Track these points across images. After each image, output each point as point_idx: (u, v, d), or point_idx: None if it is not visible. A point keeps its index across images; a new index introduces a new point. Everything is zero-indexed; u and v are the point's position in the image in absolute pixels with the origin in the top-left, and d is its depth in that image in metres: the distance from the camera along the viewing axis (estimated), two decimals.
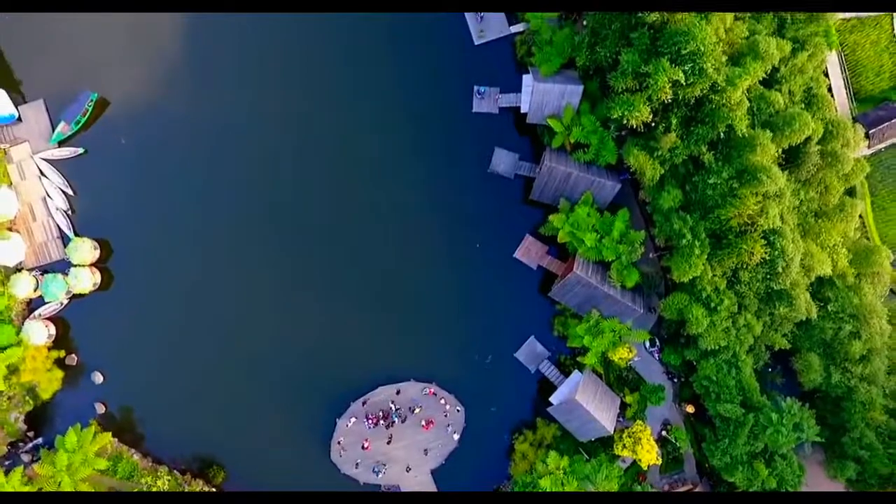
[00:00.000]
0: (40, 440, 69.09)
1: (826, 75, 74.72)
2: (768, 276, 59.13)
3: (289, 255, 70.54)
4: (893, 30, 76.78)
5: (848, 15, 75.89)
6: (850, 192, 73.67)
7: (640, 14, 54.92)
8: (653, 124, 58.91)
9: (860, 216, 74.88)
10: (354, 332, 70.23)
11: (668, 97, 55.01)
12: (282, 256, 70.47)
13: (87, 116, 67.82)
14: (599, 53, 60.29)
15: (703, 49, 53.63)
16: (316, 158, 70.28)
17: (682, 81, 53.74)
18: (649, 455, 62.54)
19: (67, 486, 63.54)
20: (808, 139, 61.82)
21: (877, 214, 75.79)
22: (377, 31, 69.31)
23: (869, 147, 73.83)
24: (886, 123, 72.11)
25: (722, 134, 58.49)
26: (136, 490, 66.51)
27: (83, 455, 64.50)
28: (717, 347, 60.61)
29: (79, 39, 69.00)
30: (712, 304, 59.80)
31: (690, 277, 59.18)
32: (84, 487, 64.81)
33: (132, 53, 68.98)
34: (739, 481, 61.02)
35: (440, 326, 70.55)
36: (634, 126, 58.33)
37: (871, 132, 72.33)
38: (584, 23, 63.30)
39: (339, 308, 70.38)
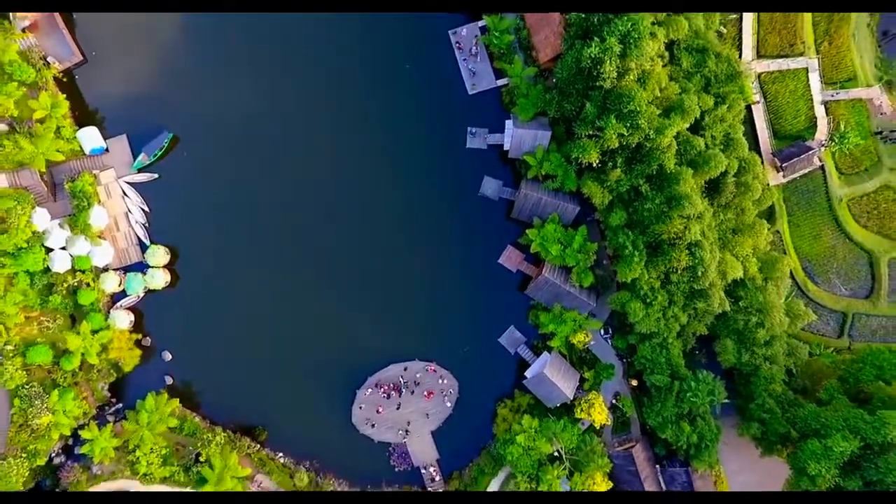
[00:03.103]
0: (120, 405, 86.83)
1: (752, 119, 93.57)
2: (691, 279, 77.11)
3: (319, 263, 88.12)
4: (808, 81, 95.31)
5: (771, 68, 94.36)
6: (771, 213, 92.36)
7: (596, 80, 72.79)
8: (603, 162, 77.11)
9: (778, 231, 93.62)
10: (370, 322, 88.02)
11: (615, 145, 73.12)
12: (313, 263, 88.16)
13: (162, 150, 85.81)
14: (565, 107, 78.56)
15: (639, 109, 71.65)
16: (340, 181, 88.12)
17: (625, 133, 71.78)
18: (601, 416, 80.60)
19: (148, 440, 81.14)
20: (726, 172, 79.87)
21: (792, 230, 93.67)
22: (393, 82, 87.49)
23: (784, 177, 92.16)
24: (797, 158, 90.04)
25: (655, 170, 76.54)
26: (197, 444, 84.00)
27: (159, 415, 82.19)
28: (650, 333, 78.75)
29: (159, 85, 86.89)
30: (648, 300, 77.90)
31: (631, 279, 77.25)
32: (161, 441, 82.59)
33: (201, 99, 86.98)
34: (670, 437, 78.89)
35: (439, 317, 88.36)
36: (590, 163, 76.59)
37: (785, 165, 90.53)
38: (555, 80, 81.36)
39: (359, 303, 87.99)
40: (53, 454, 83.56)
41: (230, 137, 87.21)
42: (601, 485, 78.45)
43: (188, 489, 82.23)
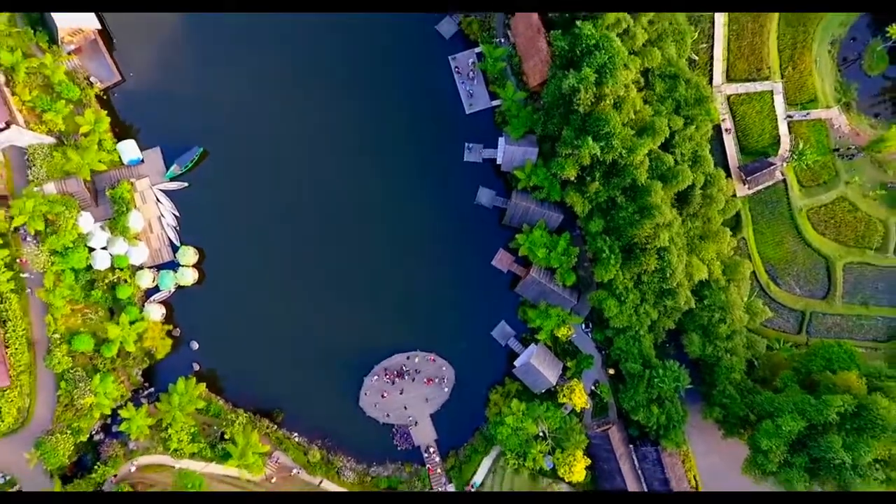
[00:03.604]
0: (153, 389, 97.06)
1: (721, 136, 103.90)
2: (661, 279, 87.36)
3: (331, 263, 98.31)
4: (773, 102, 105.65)
5: (740, 90, 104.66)
6: (738, 221, 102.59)
7: (573, 106, 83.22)
8: (583, 176, 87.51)
9: (744, 238, 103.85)
10: (377, 317, 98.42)
11: (588, 162, 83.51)
12: (325, 263, 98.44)
13: (193, 163, 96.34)
14: (549, 128, 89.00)
15: (613, 131, 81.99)
16: (351, 191, 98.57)
17: (599, 153, 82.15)
18: (580, 401, 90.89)
19: (179, 419, 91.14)
20: (693, 185, 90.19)
21: (757, 237, 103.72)
22: (400, 103, 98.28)
23: (749, 189, 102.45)
24: (760, 172, 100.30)
25: (629, 183, 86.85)
26: (222, 424, 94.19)
27: (188, 397, 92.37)
28: (625, 327, 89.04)
29: (189, 103, 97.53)
30: (622, 298, 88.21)
31: (608, 279, 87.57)
32: (190, 420, 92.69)
33: (228, 117, 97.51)
34: (642, 419, 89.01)
35: (438, 312, 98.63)
36: (570, 177, 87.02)
37: (749, 178, 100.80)
38: (542, 103, 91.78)
39: (366, 299, 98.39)
40: (94, 432, 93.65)
41: (253, 152, 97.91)
42: (580, 461, 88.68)
43: (214, 463, 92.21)
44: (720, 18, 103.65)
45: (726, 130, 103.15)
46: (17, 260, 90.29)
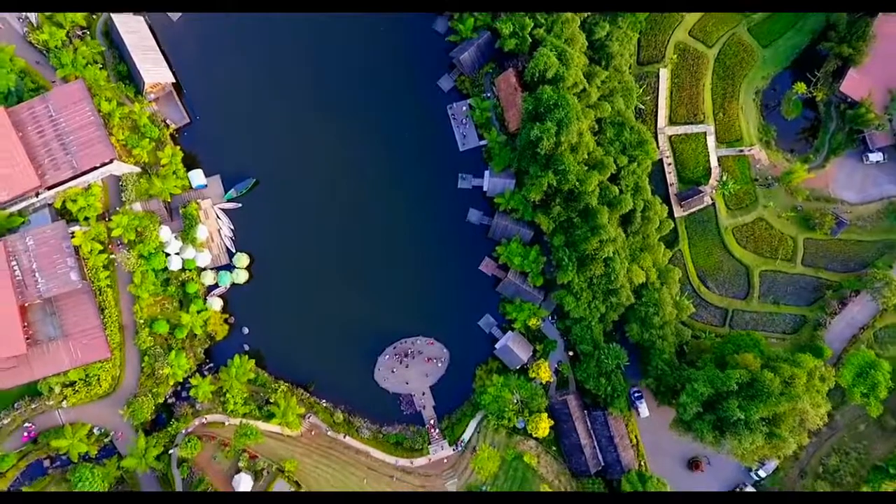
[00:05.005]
0: (212, 364, 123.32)
1: (663, 169, 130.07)
2: (607, 282, 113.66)
3: (353, 269, 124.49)
4: (706, 141, 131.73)
5: (679, 131, 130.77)
6: (675, 237, 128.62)
7: (538, 149, 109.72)
8: (548, 201, 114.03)
9: (680, 250, 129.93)
10: (388, 309, 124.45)
11: (549, 190, 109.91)
12: (349, 269, 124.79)
13: (247, 189, 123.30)
14: (522, 164, 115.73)
15: (568, 169, 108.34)
16: (369, 213, 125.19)
17: (555, 184, 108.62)
18: (546, 375, 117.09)
19: (235, 386, 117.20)
20: (634, 209, 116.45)
21: (691, 249, 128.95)
22: (406, 143, 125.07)
23: (684, 210, 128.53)
24: (692, 197, 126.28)
25: (583, 207, 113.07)
26: (267, 391, 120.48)
27: (242, 370, 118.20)
28: (580, 318, 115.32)
29: (244, 139, 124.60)
30: (578, 296, 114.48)
31: (567, 281, 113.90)
32: (243, 388, 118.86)
33: (275, 151, 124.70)
34: (592, 387, 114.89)
35: (436, 306, 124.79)
36: (537, 201, 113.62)
37: (684, 202, 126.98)
38: (517, 145, 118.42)
39: (381, 296, 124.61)
40: (168, 396, 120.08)
41: (291, 180, 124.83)
42: (545, 421, 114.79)
43: (261, 421, 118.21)
44: (664, 73, 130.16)
45: (667, 165, 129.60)
46: (113, 259, 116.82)
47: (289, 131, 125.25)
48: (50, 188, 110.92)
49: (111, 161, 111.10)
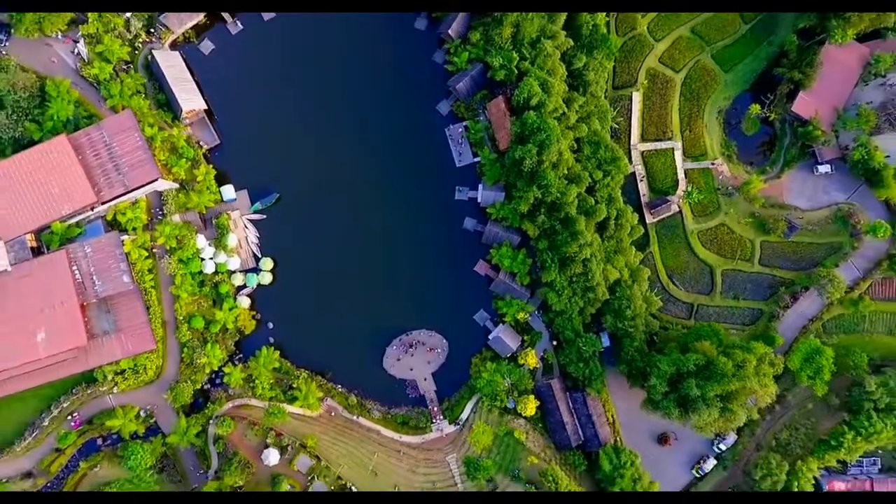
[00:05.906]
0: (241, 354, 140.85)
1: (636, 181, 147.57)
2: (585, 280, 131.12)
3: (363, 271, 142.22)
4: (674, 156, 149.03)
5: (650, 147, 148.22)
6: (647, 240, 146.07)
7: (522, 167, 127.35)
8: (534, 211, 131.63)
9: (651, 252, 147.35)
10: (395, 305, 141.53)
11: (535, 202, 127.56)
12: (360, 271, 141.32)
13: (271, 204, 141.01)
14: (510, 179, 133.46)
15: (550, 183, 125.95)
16: (377, 222, 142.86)
17: (539, 196, 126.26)
18: (533, 361, 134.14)
19: (262, 374, 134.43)
20: (608, 217, 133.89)
21: (661, 251, 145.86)
22: (409, 160, 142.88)
23: (654, 217, 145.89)
24: (661, 206, 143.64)
25: (564, 216, 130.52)
26: (291, 378, 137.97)
27: (269, 360, 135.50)
28: (562, 311, 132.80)
29: (268, 157, 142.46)
30: (560, 292, 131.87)
31: (550, 280, 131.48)
32: (269, 375, 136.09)
33: (295, 169, 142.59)
34: (573, 371, 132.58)
35: (437, 302, 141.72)
36: (524, 212, 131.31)
37: (653, 210, 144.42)
38: (505, 162, 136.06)
39: (388, 294, 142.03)
40: (204, 383, 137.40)
41: (310, 193, 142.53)
42: (532, 402, 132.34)
43: (286, 403, 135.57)
44: (637, 96, 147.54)
45: (640, 177, 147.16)
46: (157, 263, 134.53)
47: (307, 152, 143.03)
48: (103, 203, 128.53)
49: (156, 179, 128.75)
